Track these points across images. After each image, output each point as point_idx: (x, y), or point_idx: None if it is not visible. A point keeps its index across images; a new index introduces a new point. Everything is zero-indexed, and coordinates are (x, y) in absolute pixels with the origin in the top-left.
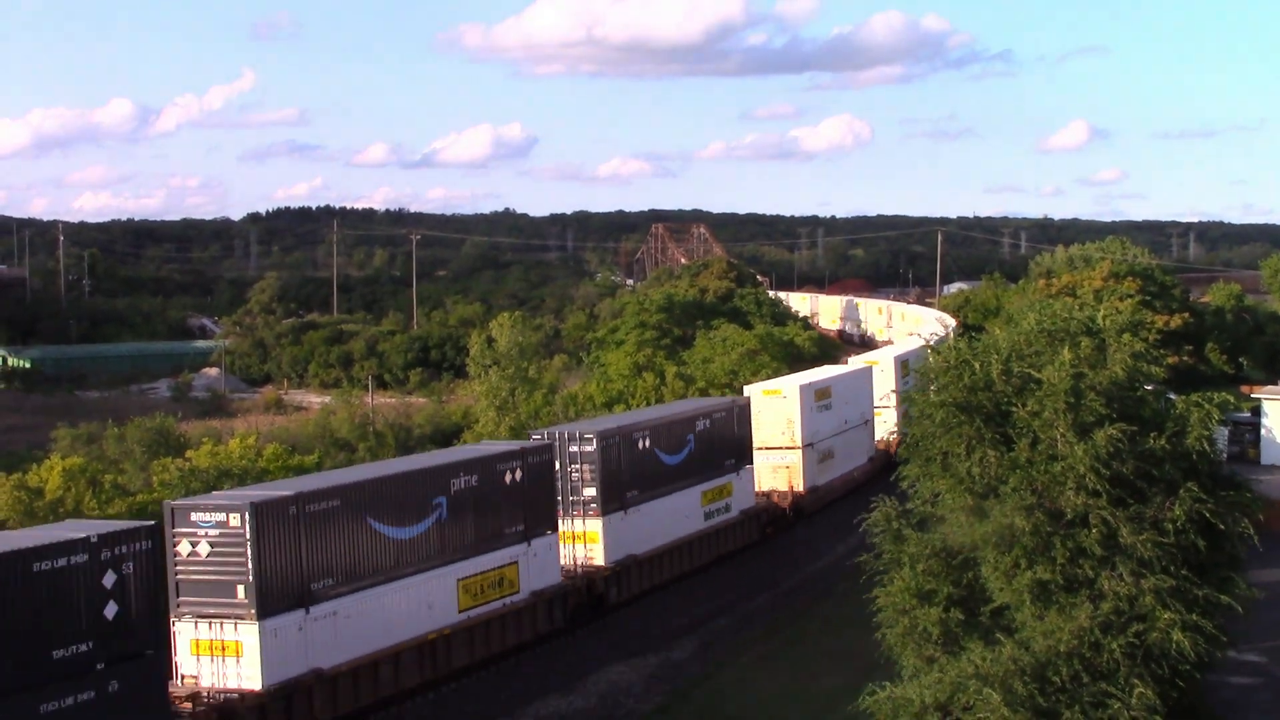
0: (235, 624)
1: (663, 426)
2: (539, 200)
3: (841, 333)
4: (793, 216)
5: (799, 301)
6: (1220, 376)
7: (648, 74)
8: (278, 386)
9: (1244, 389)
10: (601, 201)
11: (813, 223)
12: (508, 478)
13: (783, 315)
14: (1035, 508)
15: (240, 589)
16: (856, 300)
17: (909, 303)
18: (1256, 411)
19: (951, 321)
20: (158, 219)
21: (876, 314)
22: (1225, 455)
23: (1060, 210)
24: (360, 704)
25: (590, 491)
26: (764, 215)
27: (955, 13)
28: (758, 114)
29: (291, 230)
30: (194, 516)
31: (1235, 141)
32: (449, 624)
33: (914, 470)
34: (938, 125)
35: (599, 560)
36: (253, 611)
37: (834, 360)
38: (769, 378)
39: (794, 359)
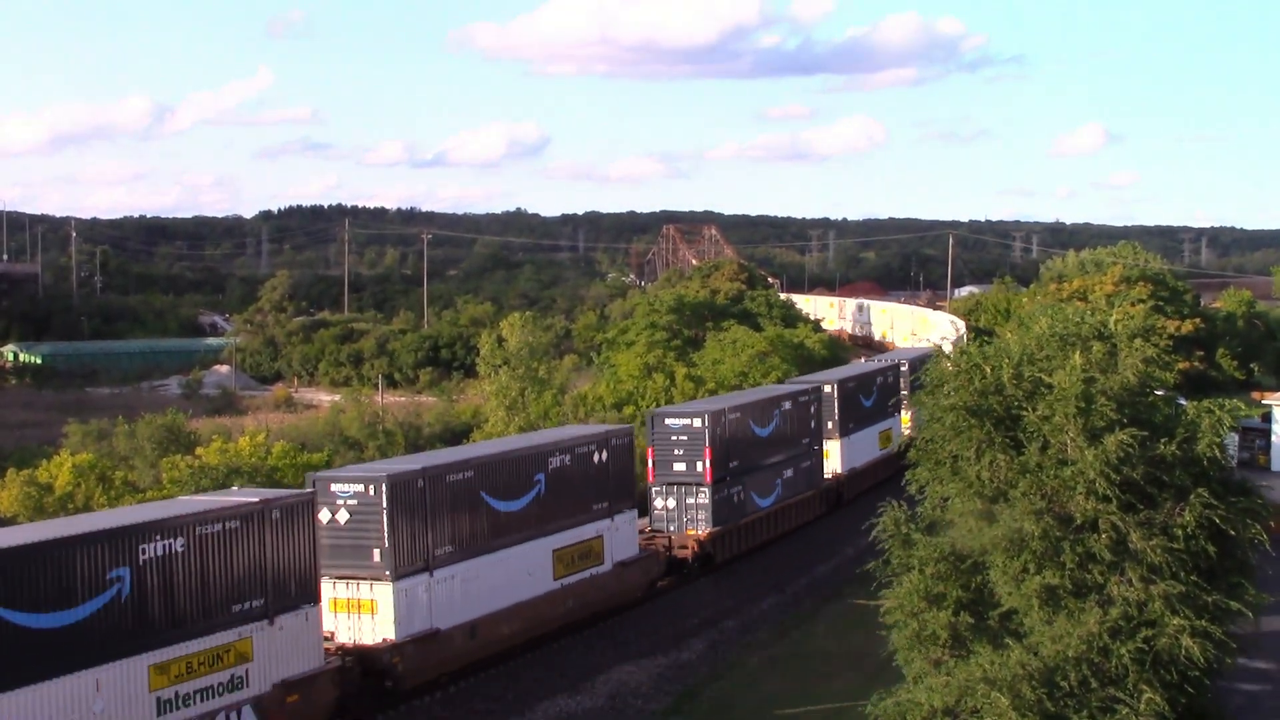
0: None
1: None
2: (550, 200)
3: (857, 337)
4: (804, 218)
5: (827, 308)
6: (1231, 382)
7: (660, 74)
8: (288, 384)
9: (1255, 395)
10: (613, 202)
11: (824, 225)
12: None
13: (793, 317)
14: (1045, 512)
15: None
16: (869, 303)
17: (920, 305)
18: (1267, 418)
19: (963, 324)
20: (170, 216)
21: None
22: (1236, 461)
23: (1072, 214)
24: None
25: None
26: (775, 217)
27: (970, 15)
28: (770, 115)
29: (303, 228)
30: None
31: (1249, 147)
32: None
33: (923, 474)
34: (950, 128)
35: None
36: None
37: (843, 363)
38: (779, 380)
39: (804, 361)
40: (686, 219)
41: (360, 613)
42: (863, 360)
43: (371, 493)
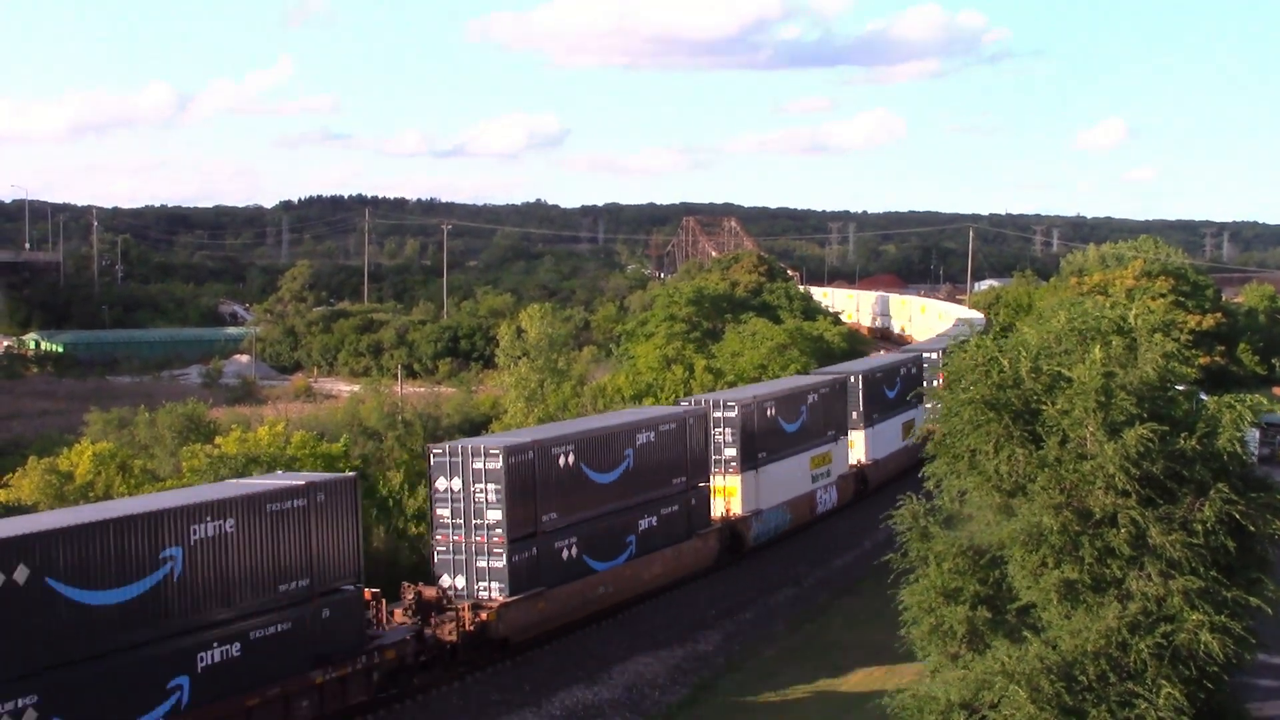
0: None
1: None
2: (570, 191)
3: (874, 328)
4: (824, 211)
5: (845, 300)
6: (1252, 378)
7: (679, 66)
8: (308, 374)
9: (1276, 390)
10: (633, 193)
11: (844, 218)
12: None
13: (813, 310)
14: (1063, 506)
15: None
16: (889, 295)
17: (939, 299)
18: None
19: (975, 315)
20: (191, 205)
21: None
22: (1257, 457)
23: (1093, 208)
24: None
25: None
26: (795, 209)
27: (992, 9)
28: (790, 108)
29: (323, 218)
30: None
31: (1271, 141)
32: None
33: (941, 468)
34: (971, 121)
35: None
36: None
37: (862, 356)
38: (798, 373)
39: (823, 354)
40: (706, 211)
41: (849, 446)
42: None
43: (853, 380)
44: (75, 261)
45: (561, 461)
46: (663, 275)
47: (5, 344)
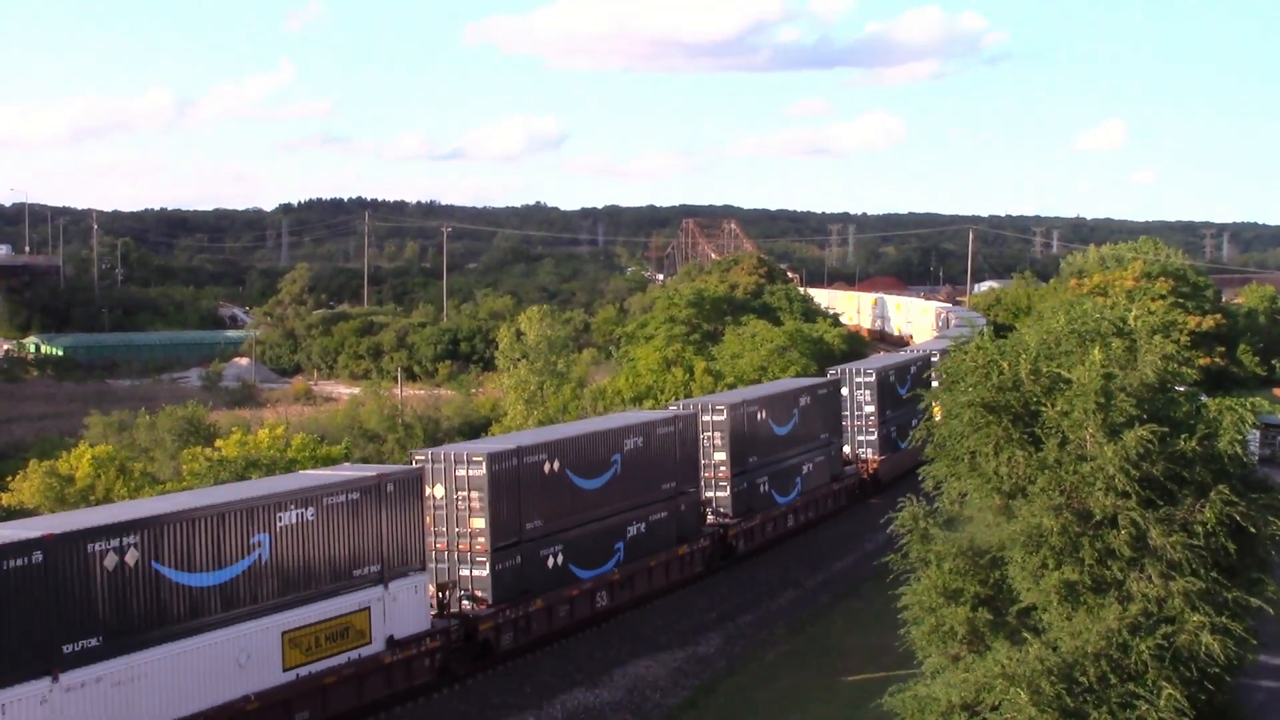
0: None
1: None
2: (570, 194)
3: (877, 332)
4: (824, 213)
5: (845, 302)
6: (1252, 379)
7: (678, 68)
8: (308, 377)
9: (1277, 391)
10: (633, 196)
11: (844, 219)
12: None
13: (813, 312)
14: (1064, 508)
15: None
16: (888, 297)
17: (939, 301)
18: None
19: (959, 313)
20: (191, 209)
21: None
22: (1257, 458)
23: (1093, 210)
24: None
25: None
26: (795, 211)
27: (992, 11)
28: (789, 110)
29: (323, 221)
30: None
31: (1271, 142)
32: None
33: (941, 470)
34: (971, 123)
35: None
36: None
37: (862, 357)
38: (797, 375)
39: (823, 356)
40: (706, 213)
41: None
42: None
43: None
44: (75, 265)
45: (888, 381)
46: (662, 277)
47: (5, 347)
